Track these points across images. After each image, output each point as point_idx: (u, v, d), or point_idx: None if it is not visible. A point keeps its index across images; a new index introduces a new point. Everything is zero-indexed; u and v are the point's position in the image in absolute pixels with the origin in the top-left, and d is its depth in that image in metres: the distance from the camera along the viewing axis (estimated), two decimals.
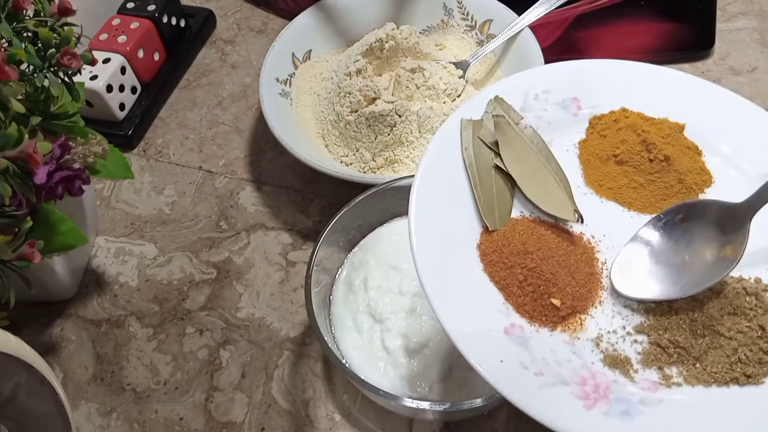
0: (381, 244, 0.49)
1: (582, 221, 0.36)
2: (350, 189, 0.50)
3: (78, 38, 0.41)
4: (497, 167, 0.36)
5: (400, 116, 0.55)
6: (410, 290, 0.46)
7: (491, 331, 0.32)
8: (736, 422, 0.29)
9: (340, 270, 0.49)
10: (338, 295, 0.48)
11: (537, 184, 0.36)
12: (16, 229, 0.37)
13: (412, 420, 0.46)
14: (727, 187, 0.37)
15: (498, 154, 0.37)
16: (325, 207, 0.57)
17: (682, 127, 0.39)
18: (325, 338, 0.42)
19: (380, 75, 0.62)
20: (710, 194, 0.37)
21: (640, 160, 0.38)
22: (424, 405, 0.39)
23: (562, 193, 0.36)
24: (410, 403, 0.39)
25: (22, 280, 0.38)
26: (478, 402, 0.38)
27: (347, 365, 0.44)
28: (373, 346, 0.45)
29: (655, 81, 0.40)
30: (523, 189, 0.36)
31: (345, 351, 0.45)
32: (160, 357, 0.50)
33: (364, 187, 0.48)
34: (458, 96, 0.58)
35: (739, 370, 0.31)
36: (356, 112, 0.56)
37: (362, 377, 0.41)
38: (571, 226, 0.36)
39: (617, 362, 0.32)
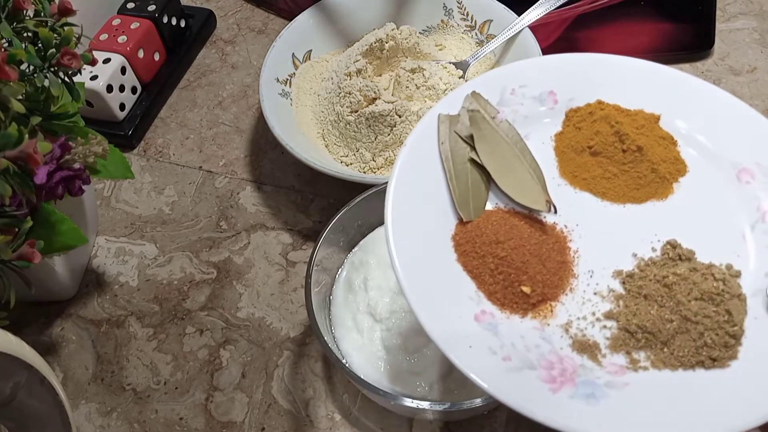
0: (381, 244, 0.49)
1: (555, 211, 0.37)
2: (350, 189, 0.50)
3: (78, 38, 0.41)
4: (473, 161, 0.37)
5: (400, 116, 0.55)
6: None
7: (461, 318, 0.32)
8: (702, 404, 0.30)
9: (340, 270, 0.49)
10: (338, 295, 0.48)
11: (511, 176, 0.37)
12: (16, 229, 0.37)
13: (412, 420, 0.46)
14: (702, 176, 0.38)
15: (473, 148, 0.37)
16: (325, 207, 0.57)
17: (657, 118, 0.39)
18: (325, 338, 0.42)
19: (380, 75, 0.62)
20: (684, 183, 0.38)
21: (614, 150, 0.38)
22: (424, 405, 0.39)
23: (536, 185, 0.37)
24: (410, 403, 0.39)
25: (22, 280, 0.38)
26: (478, 402, 0.39)
27: (347, 365, 0.44)
28: (373, 346, 0.45)
29: (631, 73, 0.41)
30: (498, 181, 0.37)
31: (345, 351, 0.45)
32: (161, 357, 0.50)
33: (364, 187, 0.48)
34: None
35: (705, 353, 0.31)
36: (356, 112, 0.56)
37: (362, 377, 0.41)
38: (545, 217, 0.37)
39: (585, 347, 0.32)
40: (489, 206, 0.37)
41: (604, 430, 0.28)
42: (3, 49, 0.37)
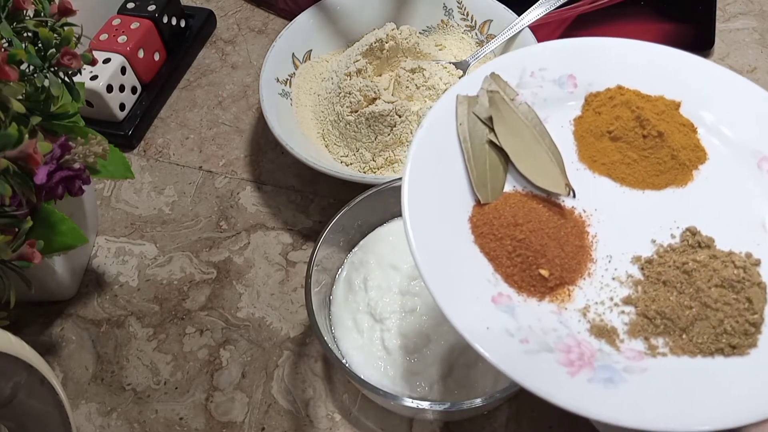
0: (381, 244, 0.49)
1: (574, 195, 0.36)
2: (350, 189, 0.50)
3: (78, 38, 0.41)
4: (491, 142, 0.37)
5: (400, 116, 0.55)
6: (410, 290, 0.46)
7: (479, 299, 0.32)
8: (721, 391, 0.30)
9: (340, 270, 0.49)
10: (338, 295, 0.48)
11: (530, 159, 0.37)
12: (16, 229, 0.37)
13: (412, 420, 0.46)
14: (722, 164, 0.37)
15: (492, 130, 0.37)
16: (325, 207, 0.57)
17: (677, 105, 0.39)
18: (325, 338, 0.42)
19: (380, 75, 0.62)
20: (704, 171, 0.37)
21: (634, 136, 0.38)
22: (424, 405, 0.39)
23: (555, 168, 0.37)
24: (410, 403, 0.39)
25: (22, 280, 0.38)
26: (478, 402, 0.39)
27: (347, 365, 0.44)
28: (373, 346, 0.45)
29: (652, 59, 0.40)
30: (516, 164, 0.36)
31: (345, 351, 0.45)
32: (160, 357, 0.50)
33: (364, 187, 0.48)
34: None
35: (724, 341, 0.31)
36: (356, 112, 0.56)
37: (362, 377, 0.41)
38: (563, 201, 0.36)
39: (603, 332, 0.32)
40: (507, 189, 0.36)
41: (622, 415, 0.28)
42: (3, 49, 0.37)
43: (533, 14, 0.59)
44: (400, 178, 0.48)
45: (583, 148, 0.39)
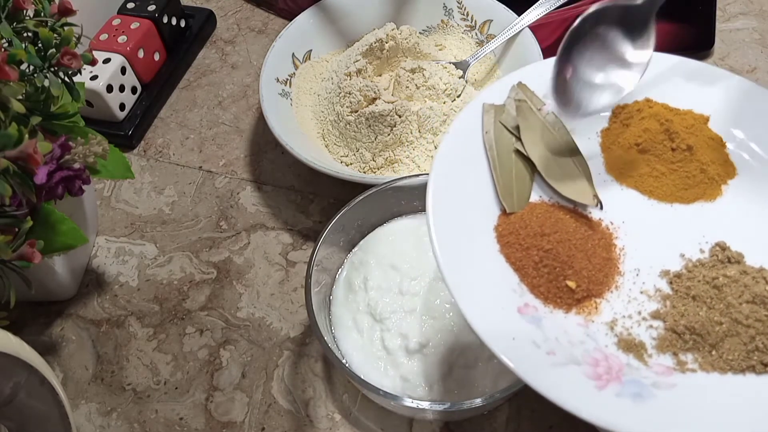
0: (381, 244, 0.49)
1: (601, 207, 0.36)
2: (350, 189, 0.50)
3: (78, 38, 0.41)
4: (518, 151, 0.36)
5: (400, 116, 0.55)
6: (410, 290, 0.46)
7: (504, 309, 0.31)
8: (752, 410, 0.29)
9: (340, 270, 0.49)
10: (338, 295, 0.48)
11: (557, 169, 0.36)
12: (16, 229, 0.37)
13: (412, 420, 0.46)
14: (751, 180, 0.37)
15: (519, 139, 0.37)
16: (325, 207, 0.57)
17: (706, 119, 0.39)
18: (325, 338, 0.42)
19: (380, 75, 0.62)
20: (733, 186, 0.37)
21: (663, 149, 0.37)
22: (424, 405, 0.39)
23: (582, 179, 0.36)
24: (410, 403, 0.39)
25: (22, 280, 0.38)
26: (478, 402, 0.39)
27: (347, 365, 0.44)
28: (373, 346, 0.45)
29: (680, 72, 0.40)
30: (544, 173, 0.36)
31: (345, 351, 0.45)
32: (160, 357, 0.50)
33: (364, 187, 0.48)
34: (458, 96, 0.58)
35: (756, 358, 0.31)
36: (356, 112, 0.56)
37: (362, 377, 0.41)
38: (590, 212, 0.36)
39: (631, 346, 0.31)
40: (533, 198, 0.36)
41: (651, 431, 0.28)
42: (3, 49, 0.37)
43: (533, 14, 0.59)
44: (400, 178, 0.48)
45: (611, 160, 0.38)
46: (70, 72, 0.41)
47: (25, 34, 0.40)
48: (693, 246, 0.35)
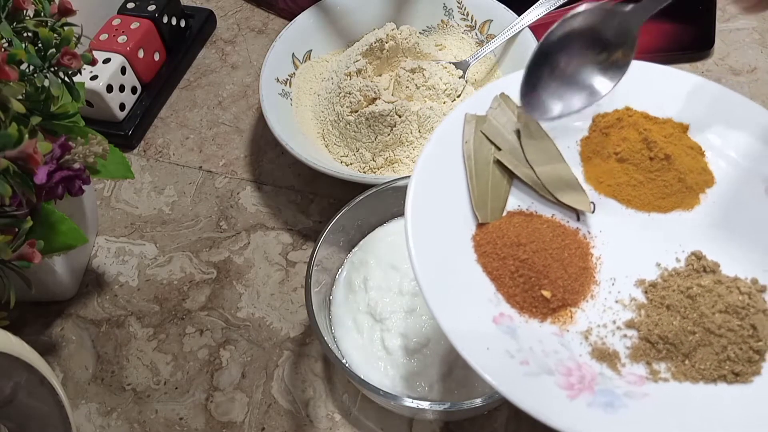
0: (381, 244, 0.49)
1: (594, 211, 0.36)
2: (350, 189, 0.50)
3: (78, 38, 0.41)
4: (497, 162, 0.37)
5: (400, 116, 0.55)
6: (410, 290, 0.46)
7: (479, 319, 0.32)
8: (722, 419, 0.29)
9: (340, 270, 0.49)
10: (338, 295, 0.48)
11: (556, 175, 0.37)
12: (16, 229, 0.37)
13: (412, 420, 0.46)
14: (730, 189, 0.37)
15: (499, 149, 0.37)
16: (325, 207, 0.57)
17: (686, 128, 0.39)
18: (325, 338, 0.42)
19: (380, 75, 0.62)
20: (711, 194, 0.37)
21: (641, 158, 0.37)
22: (424, 405, 0.39)
23: (577, 186, 0.37)
24: (410, 403, 0.39)
25: (22, 280, 0.38)
26: (478, 402, 0.39)
27: (347, 365, 0.44)
28: (373, 346, 0.45)
29: (660, 81, 0.40)
30: (543, 180, 0.36)
31: (345, 351, 0.45)
32: (160, 357, 0.50)
33: (364, 187, 0.48)
34: (458, 96, 0.58)
35: (727, 367, 0.31)
36: (356, 112, 0.56)
37: (362, 377, 0.41)
38: (568, 222, 0.36)
39: (605, 356, 0.32)
40: (512, 208, 0.36)
41: None
42: (3, 49, 0.37)
43: (533, 14, 0.59)
44: (400, 178, 0.48)
45: (589, 169, 0.38)
46: (70, 72, 0.41)
47: (25, 34, 0.40)
48: (669, 255, 0.35)
